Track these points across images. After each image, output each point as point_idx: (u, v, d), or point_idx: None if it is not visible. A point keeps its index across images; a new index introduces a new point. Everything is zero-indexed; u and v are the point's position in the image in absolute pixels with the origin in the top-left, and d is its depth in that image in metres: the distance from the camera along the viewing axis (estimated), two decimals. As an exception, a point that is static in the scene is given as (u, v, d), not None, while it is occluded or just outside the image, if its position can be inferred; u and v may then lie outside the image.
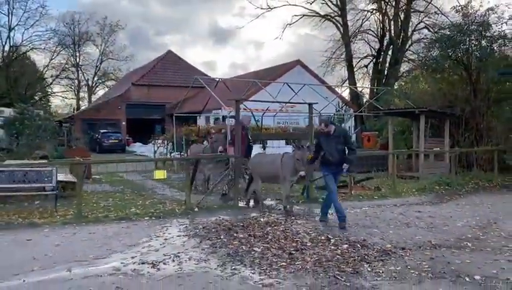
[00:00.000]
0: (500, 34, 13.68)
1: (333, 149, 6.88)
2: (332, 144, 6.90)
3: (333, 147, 6.89)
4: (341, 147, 6.92)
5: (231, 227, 6.56)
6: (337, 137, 6.93)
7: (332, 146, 6.89)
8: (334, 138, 6.92)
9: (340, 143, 6.91)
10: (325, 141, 6.97)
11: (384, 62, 26.38)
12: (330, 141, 6.92)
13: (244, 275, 4.54)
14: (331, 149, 6.89)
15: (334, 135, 6.93)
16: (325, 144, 6.96)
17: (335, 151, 6.88)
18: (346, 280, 4.37)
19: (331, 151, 6.89)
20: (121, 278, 4.38)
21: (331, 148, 6.90)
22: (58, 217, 7.28)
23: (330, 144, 6.91)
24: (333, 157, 6.87)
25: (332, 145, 6.89)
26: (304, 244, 5.64)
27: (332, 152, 6.88)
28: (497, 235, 6.32)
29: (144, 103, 34.13)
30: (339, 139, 6.92)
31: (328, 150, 6.90)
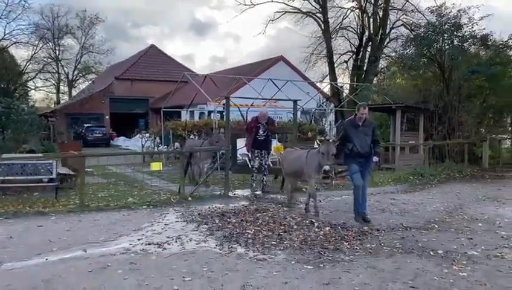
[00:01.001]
0: (470, 34, 14.62)
1: (362, 141, 6.60)
2: (361, 135, 6.61)
3: (362, 139, 6.60)
4: (369, 139, 6.67)
5: (224, 213, 7.19)
6: (366, 128, 6.65)
7: (362, 138, 6.60)
8: (363, 129, 6.63)
9: (368, 135, 6.65)
10: (354, 133, 6.64)
11: (363, 58, 27.25)
12: (359, 132, 6.62)
13: (240, 252, 5.19)
14: (361, 141, 6.59)
15: (363, 125, 6.64)
16: (354, 136, 6.62)
17: (364, 143, 6.61)
18: (329, 255, 5.06)
19: (360, 144, 6.59)
20: (132, 255, 4.98)
21: (360, 140, 6.60)
22: (61, 207, 7.78)
23: (359, 135, 6.61)
24: (363, 149, 6.60)
25: (362, 136, 6.60)
26: (290, 227, 6.32)
27: (362, 144, 6.60)
28: (461, 218, 7.13)
29: (127, 97, 34.27)
30: (368, 130, 6.66)
31: (358, 142, 6.59)
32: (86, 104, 31.92)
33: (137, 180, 11.87)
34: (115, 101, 33.87)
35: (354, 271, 4.53)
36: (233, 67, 31.67)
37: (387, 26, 26.50)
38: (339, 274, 4.43)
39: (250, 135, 9.54)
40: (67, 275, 4.29)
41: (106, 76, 40.20)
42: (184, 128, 17.94)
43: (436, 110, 14.49)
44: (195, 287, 4.06)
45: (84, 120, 30.75)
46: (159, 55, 38.37)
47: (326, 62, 28.63)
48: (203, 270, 4.50)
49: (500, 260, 4.94)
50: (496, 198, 8.95)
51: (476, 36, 14.61)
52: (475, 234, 6.05)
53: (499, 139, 15.35)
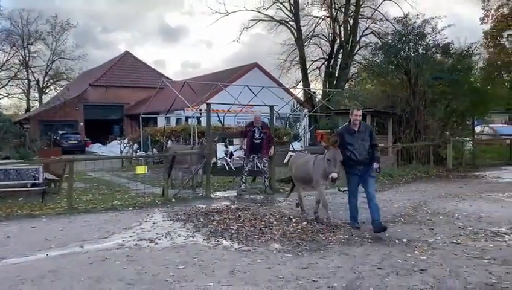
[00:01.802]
0: (434, 42, 15.62)
1: (360, 147, 6.31)
2: (358, 141, 6.33)
3: (360, 145, 6.32)
4: (367, 145, 6.37)
5: (208, 213, 7.66)
6: (363, 133, 6.38)
7: (359, 143, 6.32)
8: (359, 134, 6.37)
9: (366, 140, 6.36)
10: (351, 139, 6.35)
11: (335, 65, 28.26)
12: (356, 138, 6.34)
13: (226, 245, 5.69)
14: (358, 147, 6.31)
15: (359, 130, 6.37)
16: (351, 143, 6.33)
17: (362, 149, 6.32)
18: (306, 245, 5.62)
19: (359, 151, 6.31)
20: (127, 250, 5.41)
21: (358, 146, 6.31)
22: (49, 210, 8.07)
23: (356, 141, 6.33)
24: (362, 156, 6.31)
25: (359, 142, 6.32)
26: (270, 222, 6.85)
27: (360, 150, 6.31)
28: (425, 212, 7.84)
29: (101, 104, 34.22)
30: (365, 135, 6.38)
31: (355, 148, 6.31)
32: (59, 111, 31.66)
33: (118, 185, 12.19)
34: (89, 107, 33.76)
35: (329, 257, 5.11)
36: (209, 74, 32.14)
37: (357, 34, 27.62)
38: (315, 260, 4.99)
39: (247, 140, 9.81)
40: (70, 267, 4.70)
41: (79, 82, 39.89)
42: (162, 134, 18.29)
43: (403, 114, 15.36)
44: (189, 273, 4.53)
45: (58, 127, 30.52)
46: (134, 61, 38.45)
47: (299, 68, 29.51)
48: (194, 260, 4.98)
49: (455, 245, 5.62)
50: (457, 195, 9.75)
51: (439, 45, 15.62)
52: (436, 225, 6.74)
53: (461, 141, 16.36)
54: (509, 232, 6.24)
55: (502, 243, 5.69)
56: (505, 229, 6.36)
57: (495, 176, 13.36)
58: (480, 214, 7.53)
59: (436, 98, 15.93)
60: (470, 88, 15.41)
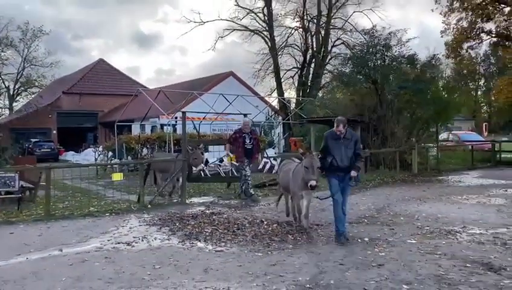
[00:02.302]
0: (399, 54, 16.41)
1: (343, 154, 6.22)
2: (341, 148, 6.24)
3: (343, 152, 6.23)
4: (351, 153, 6.26)
5: (183, 217, 7.96)
6: (348, 140, 6.26)
7: (342, 150, 6.23)
8: (344, 140, 6.25)
9: (350, 148, 6.26)
10: (334, 145, 6.26)
11: (308, 74, 29.03)
12: (340, 144, 6.24)
13: (201, 246, 6.03)
14: (341, 154, 6.22)
15: (344, 137, 6.24)
16: (334, 148, 6.25)
17: (345, 156, 6.23)
18: (276, 245, 6.03)
19: (340, 157, 6.22)
20: (105, 252, 5.68)
21: (340, 153, 6.23)
22: (26, 217, 8.20)
23: (340, 148, 6.24)
24: (342, 163, 6.22)
25: (342, 149, 6.23)
26: (243, 225, 7.22)
27: (342, 157, 6.22)
28: (387, 214, 8.37)
29: (75, 112, 33.92)
30: (350, 143, 6.27)
31: (337, 155, 6.23)
32: (32, 118, 31.20)
33: (94, 192, 12.31)
34: (62, 115, 33.42)
35: (296, 255, 5.52)
36: (185, 81, 32.38)
37: (328, 45, 28.49)
38: (284, 258, 5.40)
39: (238, 146, 10.02)
40: (51, 268, 4.95)
41: (53, 90, 39.37)
42: (137, 141, 18.42)
43: (371, 122, 16.03)
44: (165, 272, 4.86)
45: (31, 135, 30.08)
46: (108, 68, 38.31)
47: (273, 77, 30.14)
48: (169, 261, 5.31)
49: (412, 243, 6.13)
50: (419, 198, 10.35)
51: (404, 56, 16.41)
52: (396, 226, 7.27)
53: (426, 147, 17.16)
54: (461, 230, 6.81)
55: (454, 241, 6.23)
56: (457, 228, 6.93)
57: (456, 180, 14.13)
58: (437, 215, 8.11)
59: (402, 107, 16.67)
60: (434, 97, 16.22)
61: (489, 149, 21.06)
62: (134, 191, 11.29)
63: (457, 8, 14.89)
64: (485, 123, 58.65)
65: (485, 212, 8.40)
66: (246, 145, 10.08)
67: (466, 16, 15.23)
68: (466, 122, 56.00)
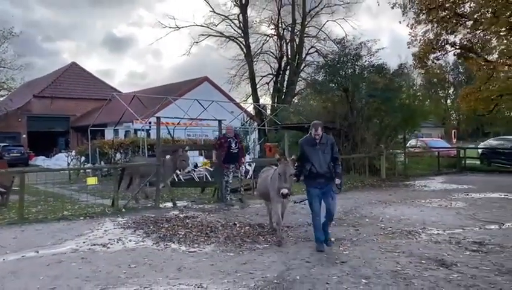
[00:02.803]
0: (369, 63, 17.07)
1: (321, 159, 6.02)
2: (319, 153, 6.04)
3: (321, 157, 6.03)
4: (328, 157, 6.07)
5: (157, 221, 8.16)
6: (324, 145, 6.08)
7: (320, 156, 6.03)
8: (321, 146, 6.06)
9: (327, 153, 6.07)
10: (311, 151, 6.07)
11: (282, 81, 29.57)
12: (316, 150, 6.05)
13: (175, 247, 6.27)
14: (319, 160, 6.02)
15: (320, 142, 6.07)
16: (312, 155, 6.06)
17: (323, 161, 6.02)
18: (247, 246, 6.32)
19: (319, 163, 6.01)
20: (81, 253, 5.84)
21: (318, 158, 6.02)
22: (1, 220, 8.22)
23: (317, 153, 6.04)
24: (322, 169, 6.01)
25: (319, 154, 6.03)
26: (216, 228, 7.48)
27: (321, 163, 6.01)
28: (354, 216, 8.79)
29: (46, 115, 33.35)
30: (326, 147, 6.08)
31: (316, 161, 6.01)
32: (0, 122, 30.52)
33: (67, 196, 12.30)
34: (33, 119, 32.80)
35: (266, 255, 5.83)
36: (159, 86, 32.36)
37: (302, 52, 29.09)
38: (254, 257, 5.70)
39: (223, 151, 10.15)
40: (29, 268, 5.10)
41: (23, 93, 38.53)
42: (111, 146, 18.39)
43: (342, 128, 16.57)
44: (140, 271, 5.08)
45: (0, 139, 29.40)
46: (80, 72, 37.85)
47: (249, 83, 30.52)
48: (144, 260, 5.53)
49: (374, 242, 6.53)
50: (385, 201, 10.85)
51: (374, 65, 17.07)
52: (361, 227, 7.68)
53: (394, 153, 17.84)
54: (420, 231, 7.27)
55: (413, 240, 6.68)
56: (417, 229, 7.39)
57: (422, 185, 14.77)
58: (400, 217, 8.59)
59: (371, 114, 17.31)
60: (401, 105, 16.92)
61: (455, 155, 22.05)
62: (108, 196, 11.39)
63: (423, 20, 15.62)
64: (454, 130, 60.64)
65: (445, 214, 8.94)
66: (232, 149, 10.22)
67: (432, 28, 15.99)
68: (436, 129, 57.83)
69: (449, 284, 4.61)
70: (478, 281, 4.66)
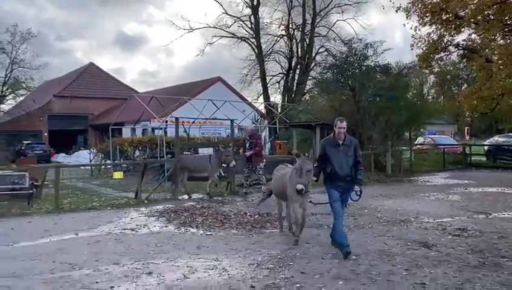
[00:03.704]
0: (375, 64, 17.80)
1: (343, 162, 5.75)
2: (341, 155, 5.76)
3: (343, 160, 5.75)
4: (351, 160, 5.78)
5: (177, 210, 9.12)
6: (347, 147, 5.81)
7: (342, 158, 5.75)
8: (344, 148, 5.79)
9: (350, 155, 5.78)
10: (334, 153, 5.78)
11: (293, 80, 30.38)
12: (339, 152, 5.77)
13: (194, 231, 7.21)
14: (341, 162, 5.74)
15: (344, 143, 5.81)
16: (333, 157, 5.77)
17: (345, 164, 5.76)
18: (256, 231, 7.23)
19: (340, 165, 5.73)
20: (114, 235, 6.83)
21: (340, 161, 5.74)
22: (37, 210, 9.27)
23: (339, 155, 5.76)
24: (343, 171, 5.75)
25: (342, 157, 5.75)
26: (229, 216, 8.42)
27: (343, 166, 5.74)
28: (354, 208, 9.49)
29: (66, 114, 34.70)
30: (349, 149, 5.81)
31: (337, 163, 5.73)
32: (24, 121, 31.94)
33: (91, 190, 13.35)
34: (53, 118, 34.17)
35: (272, 237, 6.73)
36: (174, 86, 33.44)
37: (312, 52, 29.83)
38: (262, 239, 6.61)
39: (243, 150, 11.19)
40: (73, 246, 6.09)
41: (42, 92, 40.04)
42: (130, 144, 19.46)
43: (349, 127, 17.31)
44: (166, 249, 6.03)
45: (23, 137, 30.80)
46: (97, 72, 39.20)
47: (260, 82, 31.42)
48: (168, 241, 6.48)
49: (368, 229, 7.39)
50: (386, 195, 11.66)
51: (380, 65, 17.80)
52: (360, 216, 8.53)
53: (400, 150, 18.55)
54: (413, 220, 8.09)
55: (403, 227, 7.51)
56: (410, 218, 8.21)
57: (425, 180, 15.51)
58: (397, 208, 9.40)
59: (378, 113, 18.04)
60: (406, 104, 17.62)
61: (461, 152, 22.64)
62: (129, 189, 12.38)
63: (427, 21, 16.26)
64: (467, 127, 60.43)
65: (439, 206, 9.74)
66: (246, 149, 11.12)
67: (435, 30, 16.62)
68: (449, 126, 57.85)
69: (426, 260, 5.45)
70: (451, 258, 5.50)
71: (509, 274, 4.85)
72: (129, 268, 5.11)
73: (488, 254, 5.67)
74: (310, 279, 4.74)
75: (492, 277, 4.75)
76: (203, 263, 5.32)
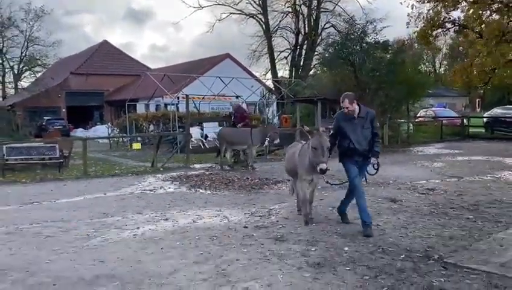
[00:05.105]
0: (374, 40, 18.67)
1: (360, 136, 5.46)
2: (358, 129, 5.48)
3: (359, 133, 5.46)
4: (368, 133, 5.51)
5: (188, 176, 10.49)
6: (363, 119, 5.50)
7: (359, 132, 5.47)
8: (360, 120, 5.50)
9: (367, 127, 5.50)
10: (349, 126, 5.51)
11: (300, 55, 31.22)
12: (355, 125, 5.49)
13: (202, 191, 8.58)
14: (358, 136, 5.46)
15: (359, 116, 5.51)
16: (349, 130, 5.48)
17: (362, 138, 5.48)
18: (255, 191, 8.56)
19: (357, 139, 5.46)
20: (136, 194, 8.24)
21: (357, 134, 5.46)
22: (67, 176, 10.74)
23: (355, 129, 5.48)
24: (361, 146, 5.47)
25: (359, 130, 5.47)
26: (233, 181, 9.74)
27: (360, 139, 5.47)
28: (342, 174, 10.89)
29: (82, 91, 36.20)
30: (366, 122, 5.51)
31: (354, 137, 5.46)
32: (43, 98, 33.50)
33: (112, 161, 14.81)
34: (70, 94, 35.72)
35: (267, 196, 8.06)
36: (184, 63, 34.55)
37: (319, 28, 30.53)
38: (258, 197, 7.95)
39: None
40: (103, 202, 7.51)
41: (59, 69, 41.47)
42: (145, 119, 20.86)
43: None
44: (179, 203, 7.41)
45: (42, 113, 32.42)
46: (111, 49, 40.43)
47: (268, 58, 32.34)
48: (181, 198, 7.86)
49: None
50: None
51: (379, 42, 18.67)
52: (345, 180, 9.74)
53: (398, 123, 19.60)
54: (391, 182, 9.32)
55: (380, 187, 8.75)
56: (389, 181, 9.43)
57: (419, 150, 16.62)
58: (381, 173, 10.32)
59: (377, 87, 19.03)
60: (404, 79, 18.56)
61: (460, 124, 23.60)
62: (146, 160, 13.77)
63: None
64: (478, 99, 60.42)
65: (421, 172, 10.92)
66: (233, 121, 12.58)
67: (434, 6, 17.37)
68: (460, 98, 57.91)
69: (388, 210, 6.73)
70: (409, 209, 6.77)
71: (449, 219, 6.10)
72: (150, 216, 6.49)
73: (441, 206, 6.92)
74: (290, 221, 6.09)
75: (434, 220, 6.02)
76: (208, 213, 6.67)
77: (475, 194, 7.82)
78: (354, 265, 4.33)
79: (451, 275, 4.02)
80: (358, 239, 5.24)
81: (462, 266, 4.21)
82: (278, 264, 4.36)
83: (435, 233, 5.41)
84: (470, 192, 8.09)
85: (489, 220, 6.02)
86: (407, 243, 5.05)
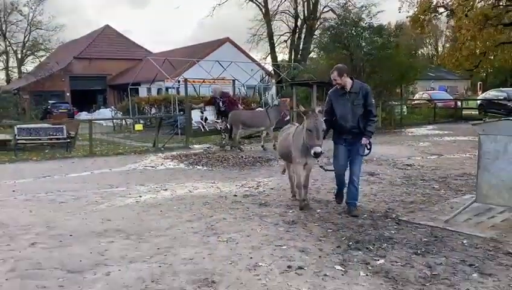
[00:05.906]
0: (369, 25, 19.20)
1: (348, 112, 5.19)
2: (347, 104, 5.19)
3: (348, 109, 5.18)
4: (359, 109, 5.18)
5: (187, 155, 11.25)
6: (354, 95, 5.19)
7: (348, 107, 5.19)
8: (351, 95, 5.20)
9: (358, 104, 5.17)
10: (338, 101, 5.25)
11: (299, 39, 31.64)
12: (345, 101, 5.20)
13: (199, 168, 9.36)
14: (345, 112, 5.19)
15: (351, 91, 5.20)
16: (338, 105, 5.24)
17: (350, 114, 5.19)
18: (247, 167, 9.32)
19: (344, 115, 5.20)
20: (139, 170, 9.04)
21: (345, 110, 5.19)
22: (75, 155, 11.54)
23: (345, 104, 5.20)
24: (347, 123, 5.21)
25: (348, 106, 5.19)
26: (228, 158, 10.49)
27: (346, 116, 5.20)
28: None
29: (85, 75, 36.86)
30: (357, 97, 5.17)
31: (342, 113, 5.21)
32: (47, 82, 34.19)
33: (115, 142, 15.59)
34: (74, 78, 36.40)
35: (258, 171, 8.83)
36: (184, 47, 35.01)
37: (317, 11, 30.89)
38: (249, 172, 8.72)
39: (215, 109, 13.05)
40: (110, 176, 8.31)
41: (62, 54, 42.04)
42: (147, 102, 21.57)
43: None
44: (178, 177, 8.20)
45: (47, 97, 33.15)
46: (113, 34, 40.86)
47: (267, 42, 32.79)
48: (180, 173, 8.65)
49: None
50: (367, 143, 13.55)
51: (373, 27, 19.20)
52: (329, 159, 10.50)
53: (392, 105, 20.24)
54: (374, 159, 9.95)
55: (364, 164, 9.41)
56: (373, 158, 10.07)
57: (410, 132, 17.31)
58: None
59: (371, 71, 19.63)
60: (396, 62, 19.13)
61: (454, 107, 24.23)
62: (147, 141, 14.53)
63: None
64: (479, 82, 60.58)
65: (405, 150, 11.64)
66: (221, 108, 12.93)
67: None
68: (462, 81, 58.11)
69: (365, 182, 7.48)
70: (384, 181, 7.53)
71: (416, 188, 6.87)
72: (151, 187, 7.28)
73: (414, 179, 7.67)
74: (276, 191, 6.87)
75: (403, 189, 6.79)
76: (203, 185, 7.46)
77: (447, 169, 8.57)
78: (322, 222, 5.11)
79: (402, 229, 4.80)
80: (331, 204, 6.00)
81: (413, 222, 4.99)
82: (258, 222, 5.15)
83: (399, 199, 6.18)
84: (444, 167, 8.83)
85: (452, 189, 6.78)
86: (372, 206, 5.82)
